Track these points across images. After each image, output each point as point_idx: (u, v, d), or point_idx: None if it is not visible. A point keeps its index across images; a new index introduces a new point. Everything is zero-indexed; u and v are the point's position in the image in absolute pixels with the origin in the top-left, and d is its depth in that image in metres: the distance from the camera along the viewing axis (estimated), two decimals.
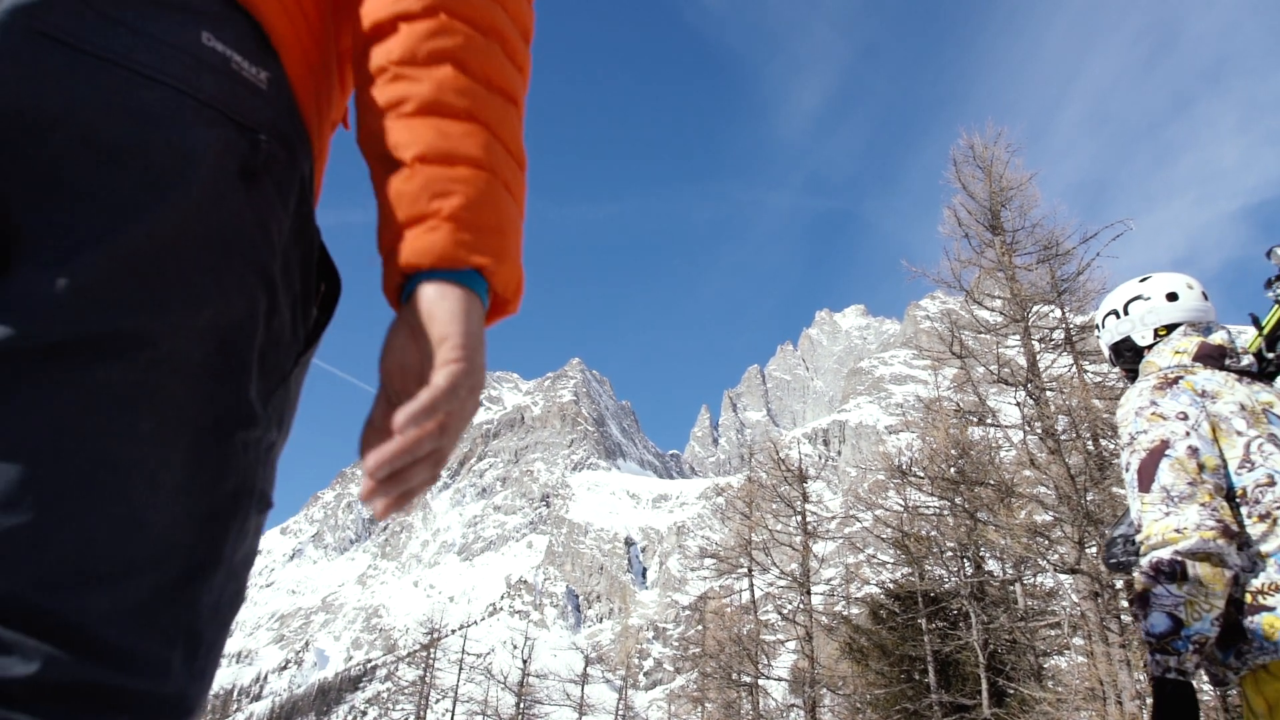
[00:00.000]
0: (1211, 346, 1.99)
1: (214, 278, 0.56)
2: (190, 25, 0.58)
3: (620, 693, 43.62)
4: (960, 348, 14.02)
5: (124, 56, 0.54)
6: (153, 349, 0.53)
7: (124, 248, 0.52)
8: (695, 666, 26.22)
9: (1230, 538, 1.67)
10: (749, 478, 23.92)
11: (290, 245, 0.64)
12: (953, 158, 15.26)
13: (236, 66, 0.60)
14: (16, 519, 0.48)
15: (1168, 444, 1.80)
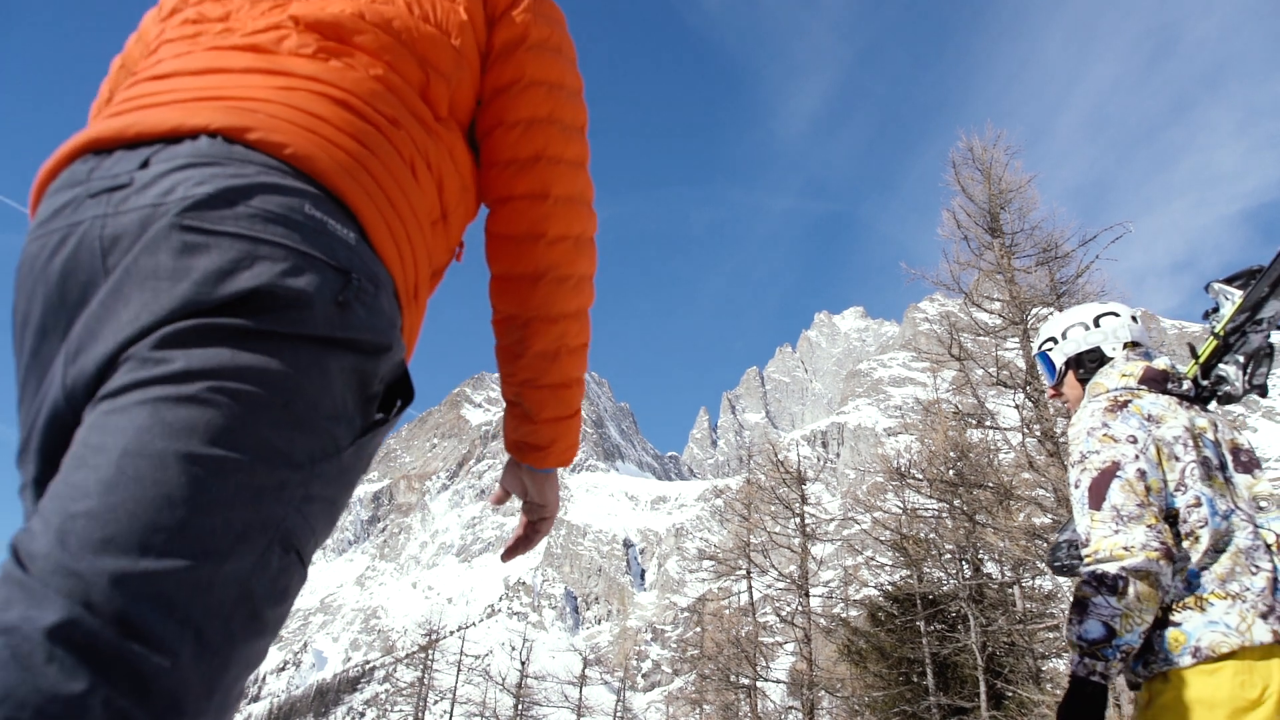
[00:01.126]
0: (1156, 371, 2.09)
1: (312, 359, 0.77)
2: (296, 200, 0.79)
3: (618, 694, 43.59)
4: (959, 350, 14.02)
5: (249, 226, 0.75)
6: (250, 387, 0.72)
7: None
8: (693, 668, 26.20)
9: (1170, 560, 1.78)
10: (747, 480, 23.90)
11: (371, 354, 0.82)
12: (952, 160, 15.28)
13: (331, 228, 0.81)
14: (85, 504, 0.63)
15: (1118, 465, 1.89)
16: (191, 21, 0.99)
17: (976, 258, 14.42)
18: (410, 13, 1.01)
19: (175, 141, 0.80)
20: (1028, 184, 14.50)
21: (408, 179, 0.93)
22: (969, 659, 15.19)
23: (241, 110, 0.83)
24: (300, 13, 0.95)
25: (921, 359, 15.91)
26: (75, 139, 0.84)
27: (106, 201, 0.77)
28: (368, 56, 0.95)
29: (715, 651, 22.96)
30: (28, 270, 0.80)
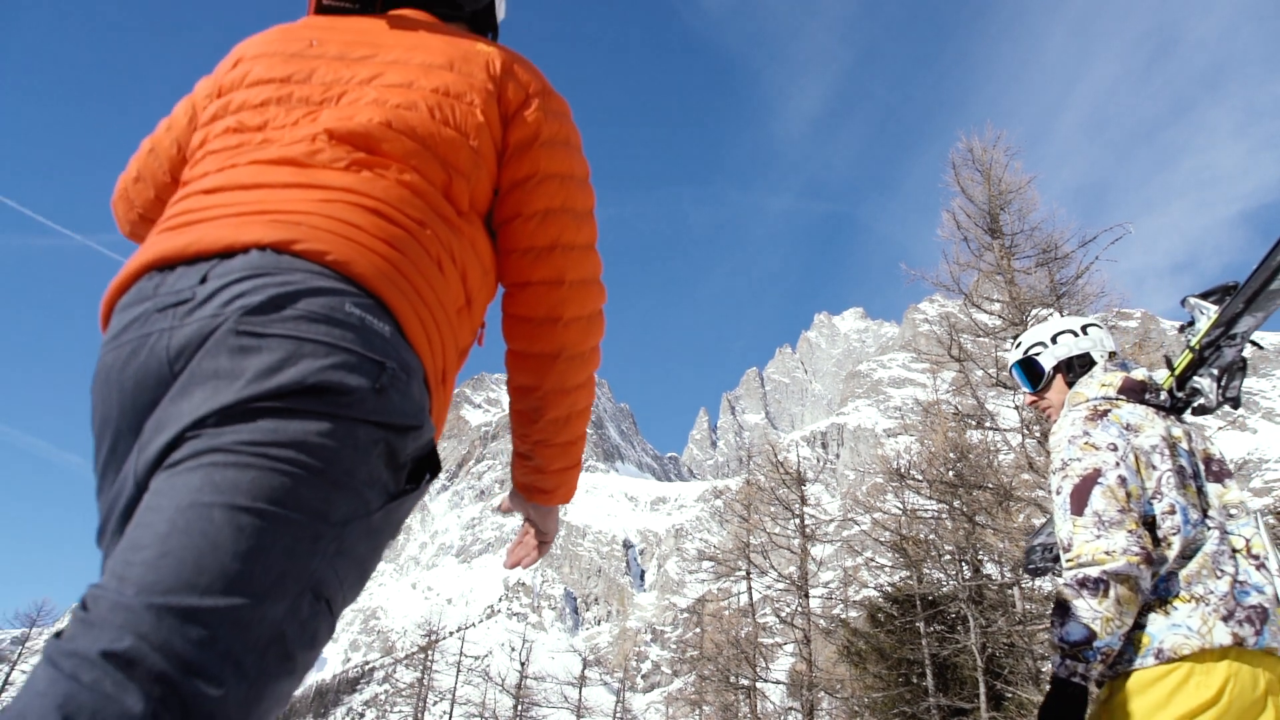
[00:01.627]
0: (1134, 382, 2.15)
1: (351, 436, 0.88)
2: (337, 300, 0.90)
3: (618, 695, 43.58)
4: (959, 351, 14.02)
5: (295, 329, 0.86)
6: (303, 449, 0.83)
7: None
8: (693, 669, 26.19)
9: (1150, 564, 1.83)
10: (747, 480, 23.90)
11: (402, 433, 0.92)
12: (951, 161, 15.27)
13: (368, 323, 0.91)
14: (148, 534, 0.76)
15: (1100, 472, 1.94)
16: (233, 130, 1.11)
17: (976, 259, 14.42)
18: (432, 118, 1.11)
19: (229, 256, 0.92)
20: (1027, 185, 14.50)
21: (435, 274, 1.05)
22: (968, 660, 15.18)
23: (287, 224, 0.95)
24: (333, 126, 1.06)
25: (921, 360, 15.91)
26: (140, 257, 0.96)
27: (172, 315, 0.88)
28: (395, 163, 1.07)
29: (715, 652, 22.95)
30: (104, 378, 0.92)
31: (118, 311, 0.95)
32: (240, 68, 1.19)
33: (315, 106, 1.10)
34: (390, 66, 1.15)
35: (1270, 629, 1.83)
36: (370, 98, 1.11)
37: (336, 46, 1.18)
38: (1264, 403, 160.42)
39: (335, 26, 1.24)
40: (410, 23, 1.26)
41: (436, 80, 1.15)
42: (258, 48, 1.21)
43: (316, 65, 1.15)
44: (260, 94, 1.13)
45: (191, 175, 1.09)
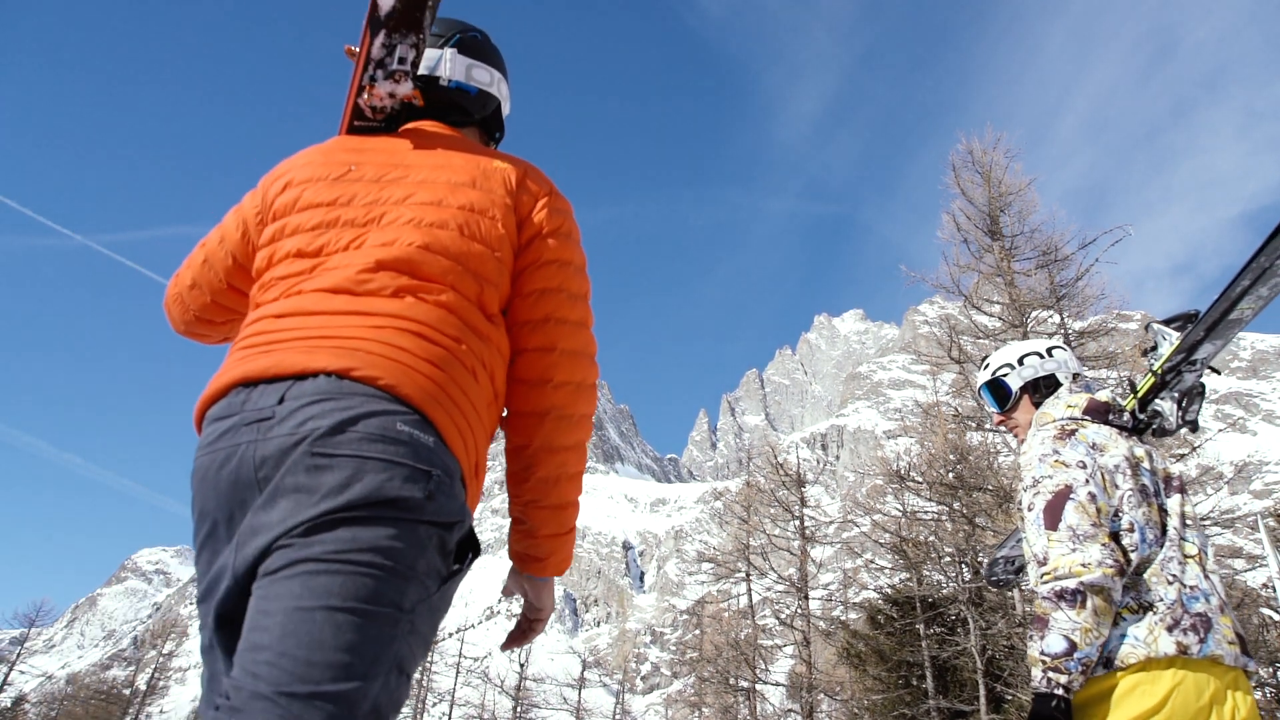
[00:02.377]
0: (1099, 403, 2.24)
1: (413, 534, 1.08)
2: (390, 420, 1.09)
3: (617, 697, 43.57)
4: (959, 353, 14.02)
5: (357, 449, 1.05)
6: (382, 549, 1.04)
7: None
8: (692, 671, 26.19)
9: (1122, 575, 1.91)
10: (747, 482, 23.90)
11: (449, 527, 1.11)
12: (952, 163, 15.29)
13: (415, 438, 1.10)
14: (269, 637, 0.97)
15: (1071, 488, 2.01)
16: (294, 256, 1.30)
17: (976, 260, 14.42)
18: (461, 234, 1.29)
19: (302, 379, 1.12)
20: (1027, 187, 14.51)
21: (470, 383, 1.24)
22: (968, 662, 15.16)
23: (347, 352, 1.14)
24: (381, 255, 1.25)
25: (921, 362, 15.92)
26: (229, 374, 1.17)
27: (256, 430, 1.09)
28: (435, 283, 1.25)
29: (714, 654, 22.95)
30: (202, 477, 1.13)
31: (210, 420, 1.17)
32: (290, 192, 1.36)
33: (361, 229, 1.29)
34: (420, 186, 1.33)
35: (1214, 637, 1.90)
36: (407, 218, 1.29)
37: (373, 169, 1.36)
38: (1264, 405, 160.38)
39: (367, 148, 1.42)
40: (431, 138, 1.45)
41: (463, 198, 1.33)
42: (304, 172, 1.39)
43: (357, 189, 1.33)
44: (312, 218, 1.32)
45: (264, 299, 1.29)
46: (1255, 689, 19.06)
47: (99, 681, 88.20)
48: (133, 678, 48.31)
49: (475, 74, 1.56)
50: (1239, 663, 1.93)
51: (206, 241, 1.48)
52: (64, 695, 54.75)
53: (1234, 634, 1.95)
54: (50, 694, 57.45)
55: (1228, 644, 1.92)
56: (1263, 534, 10.68)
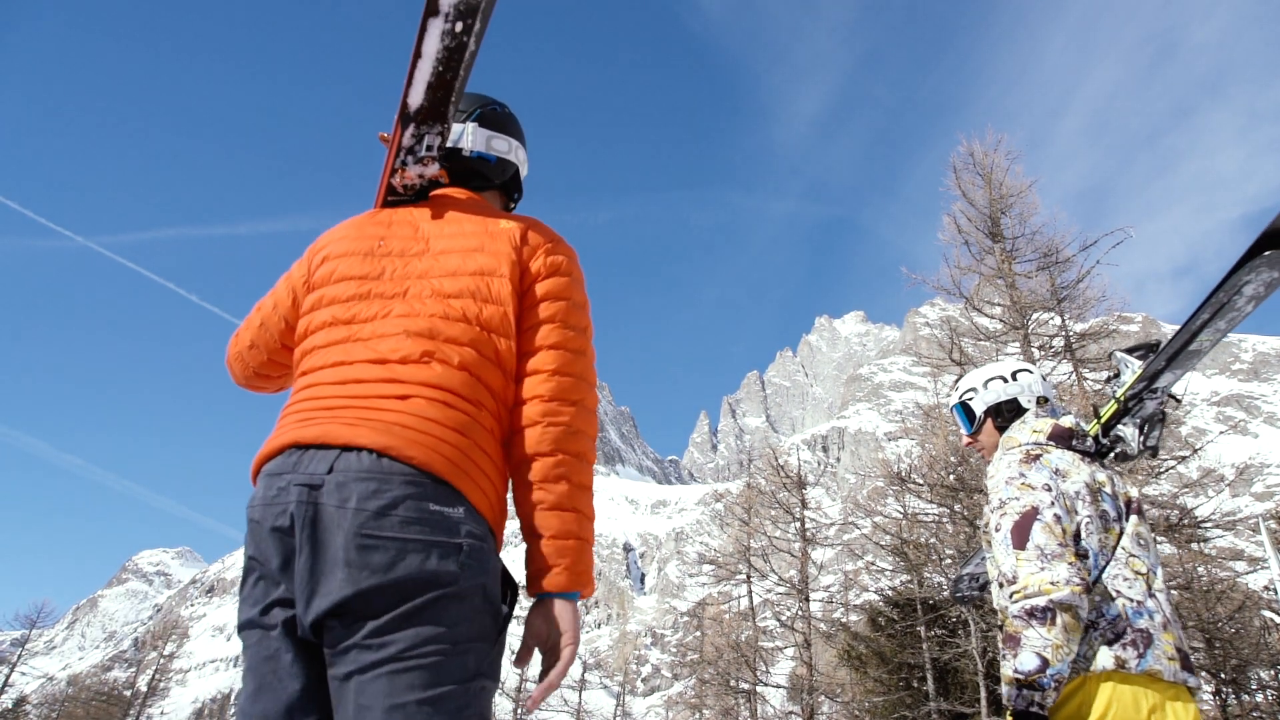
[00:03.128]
0: (1063, 429, 2.31)
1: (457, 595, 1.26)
2: (424, 502, 1.25)
3: (618, 699, 43.52)
4: (960, 355, 14.01)
5: (400, 531, 1.22)
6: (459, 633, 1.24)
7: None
8: (693, 673, 26.18)
9: (1088, 593, 1.98)
10: (748, 484, 23.87)
11: (491, 581, 1.29)
12: (953, 165, 15.29)
13: (447, 515, 1.26)
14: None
15: (1037, 510, 2.07)
16: (329, 324, 1.47)
17: (977, 262, 14.42)
18: (475, 300, 1.44)
19: (348, 450, 1.27)
20: (1028, 189, 14.51)
21: (489, 440, 1.39)
22: (969, 664, 15.14)
23: (384, 428, 1.29)
24: (407, 325, 1.41)
25: (922, 364, 15.91)
26: (285, 437, 1.33)
27: (306, 493, 1.25)
28: (456, 347, 1.40)
29: (715, 656, 22.93)
30: (257, 527, 1.28)
31: (266, 474, 1.33)
32: (327, 265, 1.54)
33: (389, 300, 1.45)
34: (439, 256, 1.50)
35: (1153, 653, 1.95)
36: (429, 290, 1.45)
37: (399, 243, 1.53)
38: (1265, 407, 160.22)
39: (395, 221, 1.59)
40: (451, 208, 1.61)
41: (474, 264, 1.48)
42: (340, 246, 1.56)
43: (385, 264, 1.50)
44: (347, 290, 1.48)
45: (309, 365, 1.45)
46: (1256, 691, 19.02)
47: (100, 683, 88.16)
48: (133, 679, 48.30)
49: (494, 144, 1.73)
50: (1178, 678, 1.97)
51: (261, 306, 1.66)
52: (65, 696, 54.68)
53: (1175, 650, 2.00)
54: (51, 695, 57.38)
55: (1167, 660, 1.96)
56: (1264, 536, 10.68)
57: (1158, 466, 12.34)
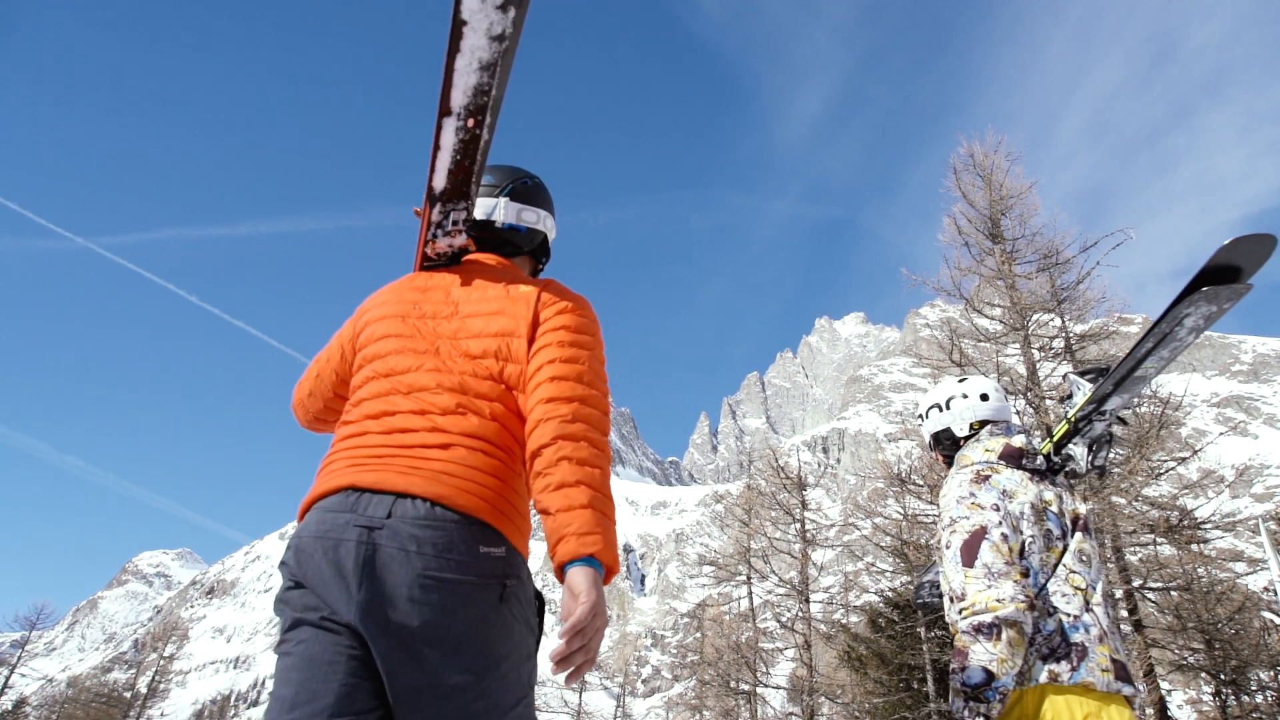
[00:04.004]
0: (1014, 449, 2.39)
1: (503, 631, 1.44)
2: (473, 544, 1.42)
3: (618, 700, 43.48)
4: (960, 356, 14.01)
5: (457, 572, 1.38)
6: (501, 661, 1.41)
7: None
8: (693, 674, 26.17)
9: (1033, 610, 2.06)
10: (748, 485, 23.86)
11: (530, 614, 1.50)
12: (953, 166, 15.29)
13: (492, 554, 1.43)
14: None
15: (985, 529, 2.17)
16: (374, 378, 1.64)
17: (977, 263, 14.43)
18: (498, 359, 1.62)
19: (403, 497, 1.43)
20: (1028, 190, 14.51)
21: (519, 482, 1.58)
22: None
23: (434, 477, 1.45)
24: (440, 380, 1.58)
25: (922, 365, 15.90)
26: (342, 479, 1.48)
27: (366, 534, 1.39)
28: (485, 401, 1.57)
29: (715, 657, 22.92)
30: (310, 552, 1.42)
31: (322, 509, 1.47)
32: (371, 327, 1.72)
33: (422, 355, 1.62)
34: (467, 319, 1.67)
35: (1087, 665, 2.05)
36: (459, 350, 1.63)
37: (431, 306, 1.71)
38: (1265, 408, 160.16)
39: (430, 285, 1.76)
40: (480, 271, 1.78)
41: (496, 326, 1.65)
42: (381, 310, 1.74)
43: (420, 324, 1.68)
44: (387, 346, 1.67)
45: (358, 415, 1.61)
46: (1256, 692, 19.01)
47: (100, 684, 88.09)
48: (133, 680, 48.27)
49: (524, 216, 1.91)
50: (1111, 688, 2.05)
51: (319, 359, 1.86)
52: (65, 698, 54.62)
53: (1110, 661, 2.09)
54: (51, 697, 57.33)
55: (1100, 671, 2.06)
56: (1264, 537, 10.67)
57: (1157, 468, 12.34)
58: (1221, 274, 2.11)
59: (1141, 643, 11.84)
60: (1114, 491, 11.70)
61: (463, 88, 1.49)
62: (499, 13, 1.38)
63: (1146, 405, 12.85)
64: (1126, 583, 12.11)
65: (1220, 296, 2.11)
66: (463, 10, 1.37)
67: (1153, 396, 12.94)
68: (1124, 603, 12.27)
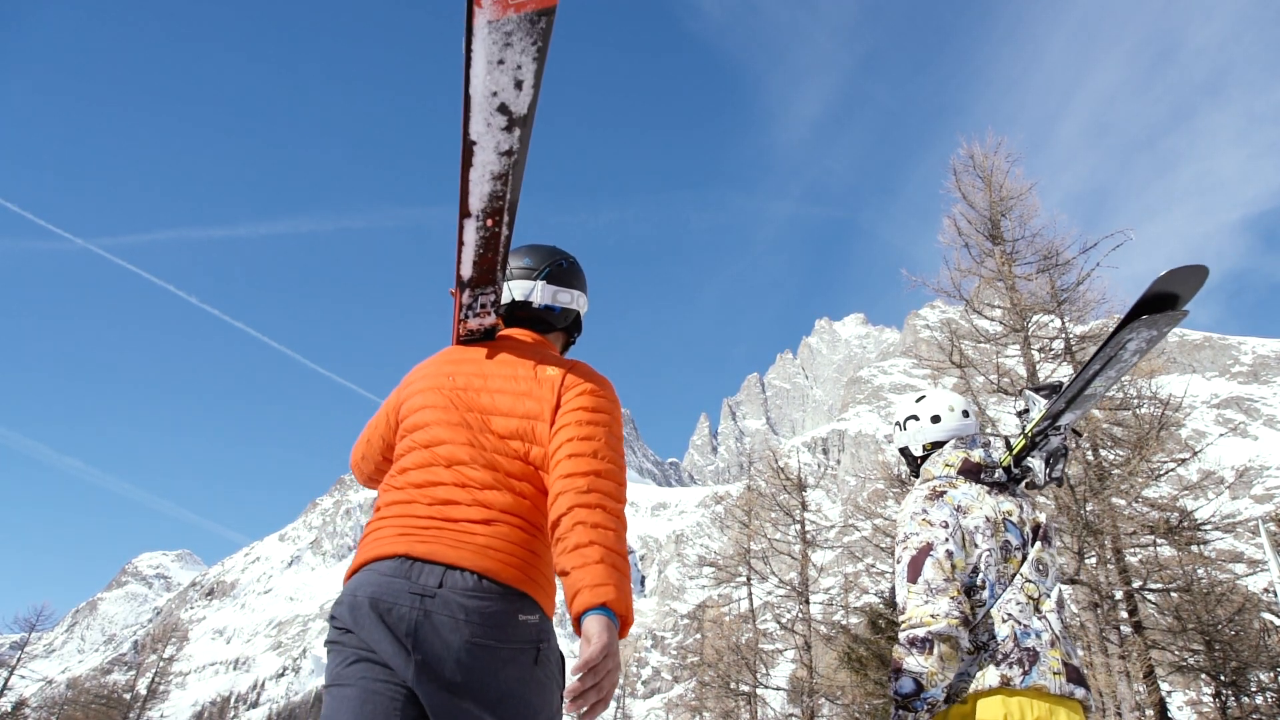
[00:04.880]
0: (972, 464, 2.48)
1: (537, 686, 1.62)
2: (512, 612, 1.59)
3: (618, 701, 43.40)
4: (960, 357, 14.02)
5: (500, 639, 1.56)
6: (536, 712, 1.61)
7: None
8: (693, 675, 26.14)
9: (967, 626, 2.17)
10: (748, 486, 23.86)
11: (557, 672, 1.67)
12: (953, 167, 15.31)
13: (528, 621, 1.61)
14: None
15: (931, 546, 2.26)
16: (415, 449, 1.79)
17: (977, 265, 14.43)
18: (524, 442, 1.75)
19: (453, 569, 1.59)
20: (1028, 191, 14.52)
21: (548, 554, 1.73)
22: None
23: (480, 551, 1.62)
24: (474, 455, 1.73)
25: (922, 366, 15.90)
26: (395, 547, 1.64)
27: (420, 601, 1.56)
28: (516, 480, 1.73)
29: (715, 658, 22.91)
30: (366, 610, 1.57)
31: (376, 571, 1.62)
32: (412, 400, 1.87)
33: (457, 428, 1.77)
34: (497, 394, 1.81)
35: (1039, 669, 2.15)
36: (490, 426, 1.77)
37: (464, 379, 1.85)
38: (1265, 410, 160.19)
39: (465, 359, 1.91)
40: (511, 348, 1.92)
41: (523, 408, 1.78)
42: (421, 383, 1.88)
43: (454, 396, 1.82)
44: (425, 417, 1.81)
45: (404, 483, 1.76)
46: (1256, 693, 18.99)
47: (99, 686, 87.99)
48: (133, 682, 48.20)
49: (559, 297, 2.04)
50: (1063, 690, 2.16)
51: (371, 426, 2.02)
52: (64, 700, 54.60)
53: (1061, 665, 2.19)
54: (50, 698, 57.31)
55: (1052, 674, 2.16)
56: (1264, 539, 10.69)
57: (1157, 469, 12.34)
58: (1160, 302, 2.28)
59: (1141, 644, 11.84)
60: (1114, 493, 11.70)
61: (478, 195, 1.62)
62: (504, 133, 1.48)
63: (1146, 406, 12.86)
64: (1127, 584, 12.11)
65: (1159, 323, 2.28)
66: (471, 133, 1.47)
67: (1153, 398, 12.95)
68: (1124, 604, 12.27)
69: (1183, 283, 2.22)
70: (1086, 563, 11.66)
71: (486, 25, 1.32)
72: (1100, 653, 11.55)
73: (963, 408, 2.66)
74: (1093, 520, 11.57)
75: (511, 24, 1.31)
